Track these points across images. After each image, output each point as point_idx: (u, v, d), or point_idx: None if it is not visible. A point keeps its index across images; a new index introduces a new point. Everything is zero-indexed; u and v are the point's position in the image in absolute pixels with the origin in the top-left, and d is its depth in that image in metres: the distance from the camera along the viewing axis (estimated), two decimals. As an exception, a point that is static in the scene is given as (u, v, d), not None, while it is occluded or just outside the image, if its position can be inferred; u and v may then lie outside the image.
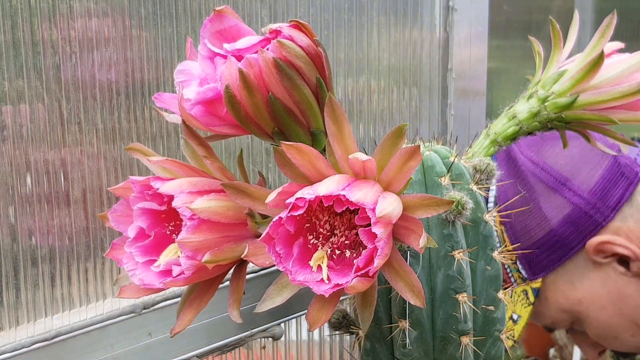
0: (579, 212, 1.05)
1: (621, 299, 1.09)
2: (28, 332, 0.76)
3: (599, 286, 1.09)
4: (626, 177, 1.05)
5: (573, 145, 1.06)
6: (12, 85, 0.73)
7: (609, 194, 1.05)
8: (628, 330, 1.11)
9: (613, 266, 1.07)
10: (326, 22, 1.00)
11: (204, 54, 0.70)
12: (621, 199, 1.05)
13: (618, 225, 1.05)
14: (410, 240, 0.64)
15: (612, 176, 1.05)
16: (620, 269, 1.07)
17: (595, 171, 1.05)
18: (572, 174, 1.05)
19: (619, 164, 1.05)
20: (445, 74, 1.19)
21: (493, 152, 0.89)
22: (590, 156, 1.05)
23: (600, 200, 1.05)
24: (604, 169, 1.04)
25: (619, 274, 1.07)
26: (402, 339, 0.78)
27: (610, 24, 0.88)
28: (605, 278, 1.08)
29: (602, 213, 1.05)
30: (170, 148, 0.86)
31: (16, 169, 0.74)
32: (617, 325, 1.11)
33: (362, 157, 0.61)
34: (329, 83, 0.70)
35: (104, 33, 0.79)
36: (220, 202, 0.66)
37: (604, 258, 1.06)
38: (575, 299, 1.10)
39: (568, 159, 1.06)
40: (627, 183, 1.05)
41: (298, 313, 0.96)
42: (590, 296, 1.10)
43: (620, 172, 1.05)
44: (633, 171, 1.05)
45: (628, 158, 1.05)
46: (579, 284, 1.09)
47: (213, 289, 0.71)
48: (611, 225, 1.05)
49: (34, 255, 0.76)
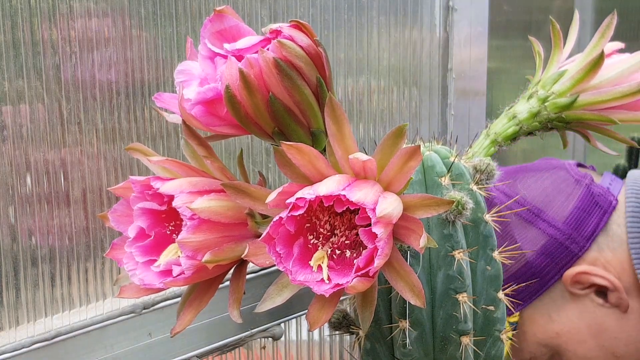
0: (554, 243, 1.04)
1: (600, 332, 1.07)
2: (28, 332, 0.76)
3: (577, 319, 1.07)
4: (600, 207, 1.04)
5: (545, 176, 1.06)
6: (12, 85, 0.73)
7: (584, 223, 1.04)
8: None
9: (591, 297, 1.06)
10: (326, 22, 1.00)
11: (204, 54, 0.70)
12: (596, 228, 1.04)
13: (595, 256, 1.05)
14: (410, 240, 0.64)
15: (585, 206, 1.04)
16: (599, 300, 1.05)
17: (569, 201, 1.04)
18: (545, 205, 1.04)
19: (592, 194, 1.04)
20: (445, 74, 1.20)
21: (493, 152, 0.89)
22: (563, 187, 1.05)
23: (575, 230, 1.04)
24: (577, 199, 1.04)
25: (597, 306, 1.06)
26: (402, 339, 0.78)
27: (611, 24, 0.88)
28: (583, 310, 1.07)
29: (578, 243, 1.04)
30: (170, 148, 0.86)
31: (16, 169, 0.74)
32: (596, 358, 1.09)
33: (363, 157, 0.61)
34: (329, 83, 0.70)
35: (104, 33, 0.79)
36: (220, 202, 0.66)
37: (581, 289, 1.05)
38: (553, 333, 1.09)
39: (541, 191, 1.05)
40: (601, 212, 1.04)
41: (298, 313, 0.96)
42: (568, 329, 1.08)
43: (594, 202, 1.04)
44: (607, 200, 1.04)
45: (601, 187, 1.05)
46: (556, 317, 1.08)
47: (213, 289, 0.71)
48: (588, 256, 1.05)
49: (34, 255, 0.76)
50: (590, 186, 1.04)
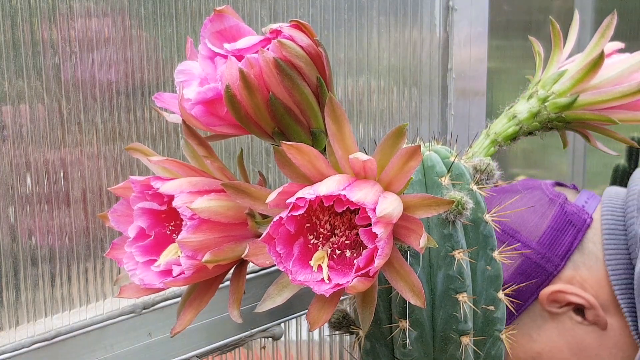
0: (529, 263, 1.04)
1: (581, 349, 1.07)
2: (28, 332, 0.76)
3: (556, 337, 1.07)
4: (574, 225, 1.05)
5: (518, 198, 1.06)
6: (12, 85, 0.73)
7: (558, 242, 1.04)
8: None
9: (569, 315, 1.06)
10: (326, 22, 1.00)
11: (205, 54, 0.70)
12: (570, 247, 1.04)
13: (571, 274, 1.05)
14: (410, 240, 0.64)
15: (559, 225, 1.05)
16: (577, 318, 1.05)
17: (543, 221, 1.05)
18: (519, 225, 1.05)
19: (565, 212, 1.05)
20: (445, 74, 1.20)
21: (493, 152, 0.89)
22: (537, 207, 1.05)
23: (549, 249, 1.04)
24: (551, 218, 1.04)
25: (575, 323, 1.06)
26: (402, 339, 0.78)
27: (610, 24, 0.88)
28: (562, 328, 1.07)
29: (552, 262, 1.04)
30: (170, 148, 0.86)
31: (16, 169, 0.74)
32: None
33: (363, 157, 0.61)
34: (329, 83, 0.70)
35: (104, 33, 0.79)
36: (220, 202, 0.66)
37: (559, 308, 1.06)
38: (534, 352, 1.09)
39: (517, 214, 1.05)
40: (575, 231, 1.05)
41: (298, 313, 0.96)
42: (549, 348, 1.08)
43: (567, 220, 1.05)
44: (580, 219, 1.05)
45: (575, 206, 1.05)
46: (536, 336, 1.08)
47: (213, 289, 0.71)
48: (563, 274, 1.05)
49: (34, 255, 0.76)
50: (564, 205, 1.05)
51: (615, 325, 1.05)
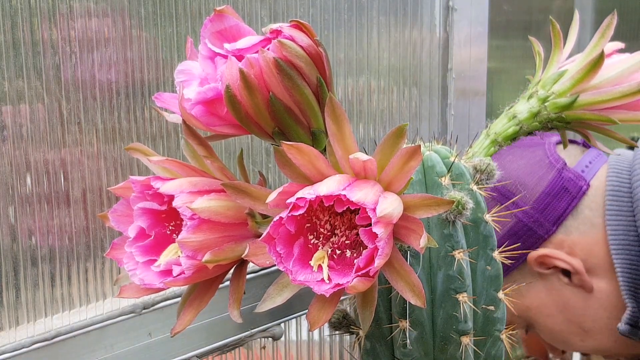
0: (521, 225, 1.07)
1: (566, 308, 1.11)
2: (28, 332, 0.76)
3: (544, 295, 1.11)
4: (569, 192, 1.06)
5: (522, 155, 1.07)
6: (12, 85, 0.73)
7: (551, 208, 1.06)
8: (577, 335, 1.13)
9: (557, 276, 1.09)
10: (326, 22, 1.00)
11: (205, 54, 0.70)
12: (563, 213, 1.06)
13: (561, 238, 1.07)
14: (410, 240, 0.64)
15: (554, 191, 1.06)
16: (564, 279, 1.09)
17: (539, 185, 1.06)
18: (516, 187, 1.06)
19: (562, 178, 1.06)
20: (445, 74, 1.19)
21: (493, 152, 0.89)
22: (536, 169, 1.07)
23: (541, 214, 1.06)
24: (547, 183, 1.06)
25: (563, 284, 1.09)
26: (402, 338, 0.78)
27: (611, 24, 0.88)
28: (550, 288, 1.10)
29: (544, 227, 1.06)
30: (170, 148, 0.86)
31: (16, 169, 0.74)
32: (565, 331, 1.13)
33: (363, 157, 0.61)
34: (329, 83, 0.70)
35: (104, 33, 0.79)
36: (220, 202, 0.66)
37: (546, 270, 1.08)
38: (523, 306, 1.13)
39: (514, 173, 1.08)
40: (570, 198, 1.06)
41: (298, 313, 0.96)
42: (537, 304, 1.12)
43: (563, 187, 1.06)
44: (577, 185, 1.06)
45: (573, 172, 1.06)
46: (525, 292, 1.12)
47: (213, 289, 0.71)
48: (554, 238, 1.07)
49: (34, 255, 0.76)
50: (561, 171, 1.06)
51: (602, 288, 1.08)
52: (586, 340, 1.13)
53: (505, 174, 1.04)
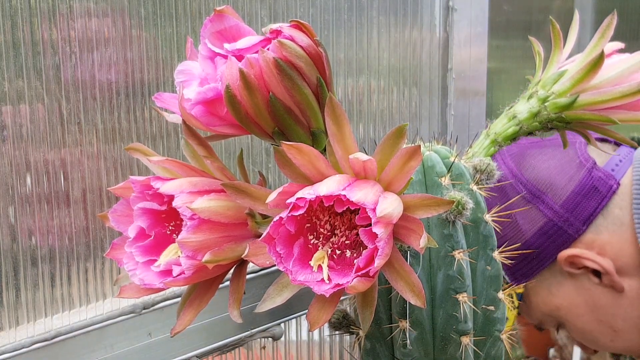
0: (551, 225, 1.07)
1: (597, 308, 1.11)
2: (28, 332, 0.76)
3: (574, 295, 1.11)
4: (599, 191, 1.06)
5: (553, 155, 1.07)
6: (12, 85, 0.73)
7: (581, 207, 1.06)
8: (607, 336, 1.13)
9: (588, 276, 1.09)
10: (326, 22, 1.00)
11: (205, 54, 0.70)
12: (593, 212, 1.06)
13: (592, 238, 1.07)
14: (410, 240, 0.64)
15: (584, 190, 1.06)
16: (595, 279, 1.09)
17: (569, 185, 1.07)
18: (547, 187, 1.07)
19: (592, 178, 1.06)
20: (445, 74, 1.19)
21: (493, 152, 0.89)
22: (567, 169, 1.07)
23: (571, 213, 1.06)
24: (577, 183, 1.06)
25: (593, 284, 1.09)
26: (402, 339, 0.78)
27: (610, 24, 0.88)
28: (580, 287, 1.10)
29: (574, 226, 1.06)
30: (170, 148, 0.86)
31: (16, 169, 0.74)
32: (595, 331, 1.13)
33: (363, 157, 0.61)
34: (329, 83, 0.70)
35: (104, 33, 0.79)
36: (220, 202, 0.66)
37: (576, 270, 1.08)
38: (553, 306, 1.13)
39: (545, 172, 1.08)
40: (600, 197, 1.06)
41: (298, 313, 0.96)
42: (567, 304, 1.12)
43: (593, 186, 1.06)
44: (607, 185, 1.06)
45: (603, 171, 1.06)
46: (556, 291, 1.12)
47: (213, 289, 0.71)
48: (584, 238, 1.07)
49: (34, 255, 0.76)
50: (591, 170, 1.06)
51: (634, 287, 1.08)
52: (616, 341, 1.13)
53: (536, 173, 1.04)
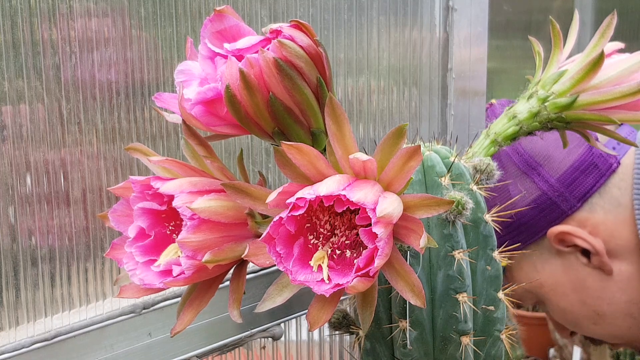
0: (545, 198, 1.03)
1: (583, 289, 1.06)
2: (28, 332, 0.76)
3: (560, 273, 1.07)
4: (598, 168, 1.02)
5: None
6: (12, 85, 0.73)
7: (578, 183, 1.03)
8: (589, 318, 1.09)
9: (576, 255, 1.05)
10: (326, 22, 1.00)
11: (205, 54, 0.70)
12: (590, 189, 1.02)
13: (585, 216, 1.03)
14: (410, 240, 0.64)
15: (583, 165, 1.03)
16: (583, 259, 1.04)
17: (568, 159, 1.03)
18: (544, 159, 1.03)
19: (592, 154, 1.02)
20: (445, 74, 1.19)
21: (493, 152, 0.89)
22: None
23: (567, 188, 1.02)
24: (576, 157, 1.02)
25: (581, 264, 1.05)
26: (402, 339, 0.78)
27: (610, 24, 0.88)
28: (568, 266, 1.06)
29: (569, 202, 1.03)
30: (170, 148, 0.86)
31: (16, 169, 0.74)
32: (577, 312, 1.09)
33: (363, 157, 0.61)
34: (329, 83, 0.70)
35: (104, 33, 0.79)
36: (220, 202, 0.66)
37: (565, 247, 1.05)
38: (537, 283, 1.09)
39: (543, 144, 1.03)
40: (598, 174, 1.03)
41: (298, 313, 0.96)
42: (551, 282, 1.08)
43: (592, 162, 1.02)
44: (607, 162, 1.02)
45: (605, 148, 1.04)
46: (540, 267, 1.08)
47: (213, 289, 0.71)
48: (577, 215, 1.03)
49: (34, 255, 0.76)
50: (592, 147, 1.01)
51: (623, 270, 1.04)
52: (599, 324, 1.09)
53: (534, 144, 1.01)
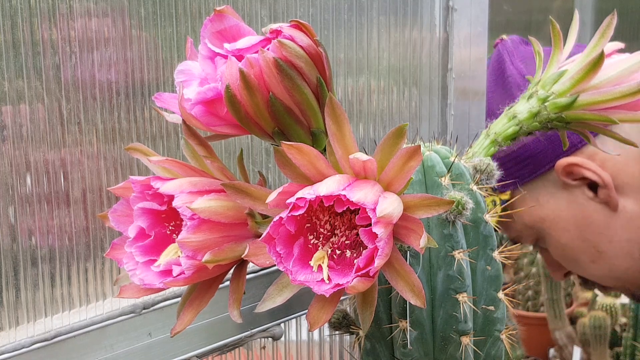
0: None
1: (585, 224, 1.06)
2: (28, 332, 0.76)
3: (564, 207, 1.06)
4: None
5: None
6: (12, 85, 0.73)
7: None
8: (589, 255, 1.08)
9: (582, 190, 1.04)
10: (326, 22, 1.00)
11: (205, 54, 0.70)
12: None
13: (594, 150, 1.01)
14: (410, 240, 0.64)
15: None
16: (589, 193, 1.04)
17: None
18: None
19: None
20: (445, 74, 1.19)
21: (493, 152, 0.89)
22: None
23: None
24: None
25: (586, 199, 1.04)
26: (402, 339, 0.78)
27: (610, 24, 0.88)
28: (573, 200, 1.05)
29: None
30: (170, 148, 0.86)
31: (16, 169, 0.74)
32: (577, 248, 1.08)
33: (363, 157, 0.61)
34: (329, 83, 0.70)
35: (104, 33, 0.79)
36: (220, 202, 0.66)
37: (572, 180, 1.03)
38: (538, 217, 1.08)
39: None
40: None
41: (298, 313, 0.96)
42: (554, 216, 1.07)
43: None
44: None
45: None
46: (544, 202, 1.07)
47: (213, 289, 0.71)
48: (587, 148, 1.01)
49: (34, 255, 0.76)
50: None
51: (628, 208, 1.03)
52: (597, 262, 1.07)
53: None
